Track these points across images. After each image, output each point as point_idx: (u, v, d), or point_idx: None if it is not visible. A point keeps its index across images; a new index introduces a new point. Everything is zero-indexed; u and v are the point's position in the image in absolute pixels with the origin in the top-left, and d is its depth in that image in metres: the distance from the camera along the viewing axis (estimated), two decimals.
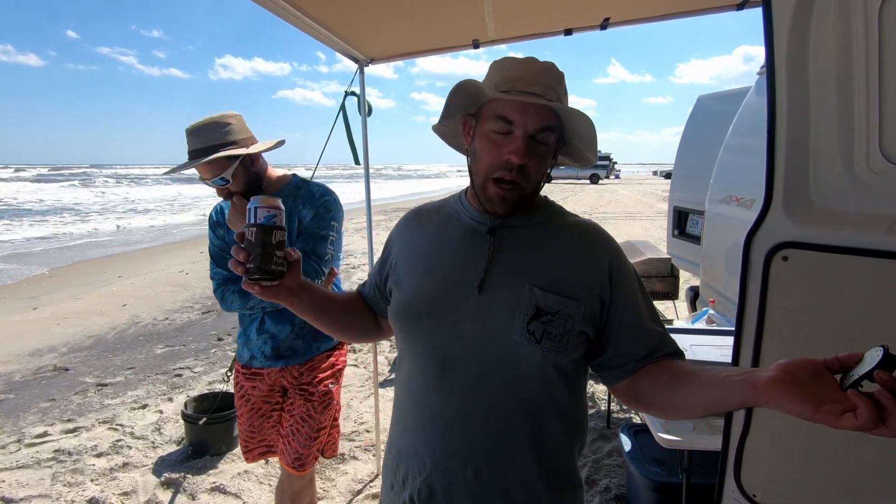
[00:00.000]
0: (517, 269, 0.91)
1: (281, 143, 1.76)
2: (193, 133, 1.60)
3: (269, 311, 1.74)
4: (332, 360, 1.85)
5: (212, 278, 1.75)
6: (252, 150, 1.63)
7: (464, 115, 0.96)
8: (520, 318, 0.86)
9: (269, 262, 0.85)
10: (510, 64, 0.89)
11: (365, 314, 1.13)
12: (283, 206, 0.88)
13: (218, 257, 1.75)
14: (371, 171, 2.59)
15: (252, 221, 0.86)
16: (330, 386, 1.84)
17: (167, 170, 1.73)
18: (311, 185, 1.76)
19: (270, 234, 0.85)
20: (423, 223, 1.05)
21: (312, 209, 1.70)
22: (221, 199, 1.73)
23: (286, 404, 1.84)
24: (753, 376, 0.66)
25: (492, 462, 0.89)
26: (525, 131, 0.85)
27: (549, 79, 0.87)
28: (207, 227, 1.81)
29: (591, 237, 0.96)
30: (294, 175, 1.80)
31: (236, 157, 1.60)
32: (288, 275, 0.91)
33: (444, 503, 0.92)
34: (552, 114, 0.87)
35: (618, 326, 0.91)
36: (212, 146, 1.58)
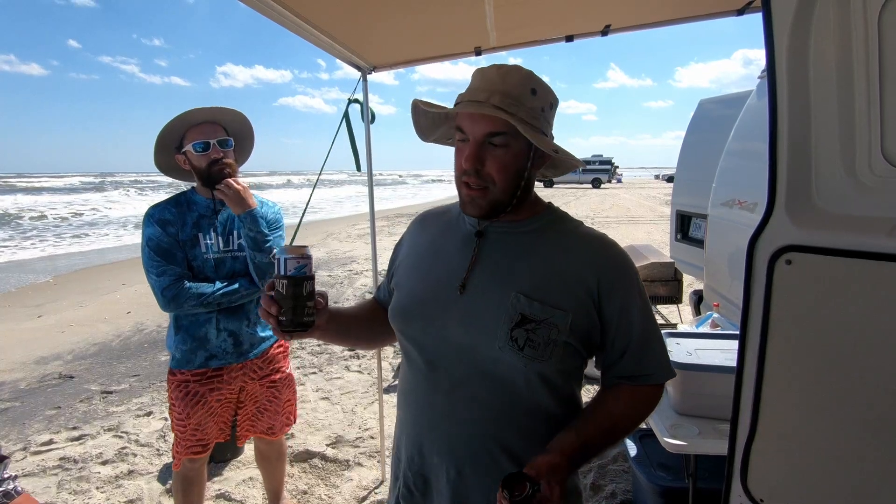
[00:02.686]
0: (505, 274, 0.91)
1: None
2: (200, 108, 1.78)
3: (223, 308, 1.83)
4: (280, 345, 2.04)
5: (159, 276, 1.71)
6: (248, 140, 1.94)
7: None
8: (504, 324, 0.87)
9: (301, 315, 0.85)
10: (474, 76, 0.91)
11: (384, 320, 1.13)
12: (311, 254, 0.88)
13: (169, 254, 1.74)
14: (395, 177, 2.61)
15: (282, 273, 0.84)
16: (287, 370, 2.05)
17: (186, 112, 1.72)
18: (257, 197, 1.93)
19: (301, 287, 0.85)
20: (426, 227, 1.08)
21: (270, 217, 1.92)
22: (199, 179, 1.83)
23: (245, 396, 1.97)
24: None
25: (474, 464, 0.91)
26: (475, 138, 0.87)
27: (497, 84, 0.86)
28: (148, 224, 1.76)
29: (586, 247, 0.93)
30: None
31: (244, 134, 1.92)
32: (318, 315, 0.91)
33: (437, 496, 0.95)
34: (501, 119, 0.85)
35: (610, 342, 0.92)
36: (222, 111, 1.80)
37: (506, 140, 0.86)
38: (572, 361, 0.92)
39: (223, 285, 1.78)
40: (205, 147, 1.74)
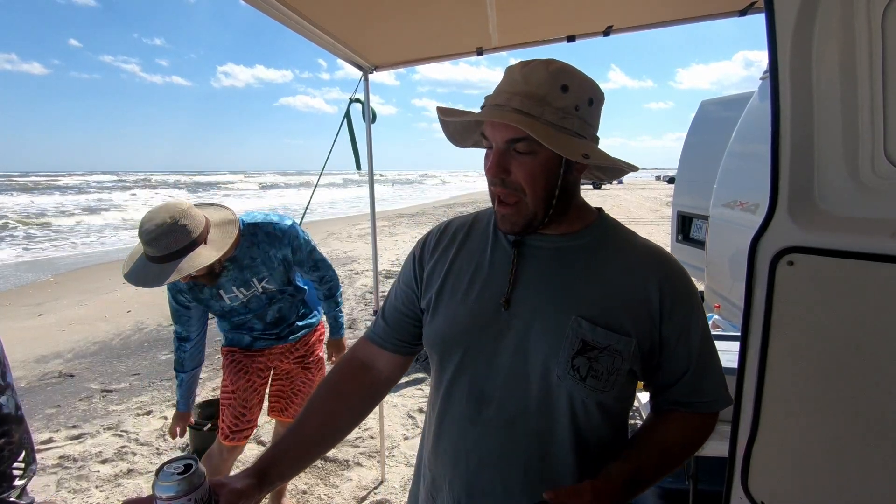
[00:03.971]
0: (561, 295, 0.83)
1: (235, 224, 1.77)
2: (153, 242, 1.60)
3: (268, 323, 2.02)
4: (318, 331, 2.22)
5: (174, 323, 2.00)
6: (222, 253, 1.68)
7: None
8: (564, 352, 0.80)
9: None
10: (503, 76, 0.83)
11: (359, 387, 0.99)
12: (195, 489, 0.71)
13: (177, 315, 1.96)
14: (415, 177, 2.62)
15: None
16: (321, 354, 2.21)
17: (126, 272, 1.67)
18: (262, 226, 1.85)
19: None
20: (455, 240, 0.96)
21: (287, 246, 1.88)
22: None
23: (279, 373, 2.16)
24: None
25: (531, 502, 0.83)
26: (497, 145, 0.80)
27: (519, 85, 0.78)
28: (167, 287, 1.87)
29: (647, 262, 0.86)
30: (240, 222, 1.83)
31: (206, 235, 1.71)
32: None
33: None
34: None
35: (665, 365, 0.86)
36: (179, 250, 1.62)
37: (530, 146, 0.77)
38: (631, 387, 0.87)
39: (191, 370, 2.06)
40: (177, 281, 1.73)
